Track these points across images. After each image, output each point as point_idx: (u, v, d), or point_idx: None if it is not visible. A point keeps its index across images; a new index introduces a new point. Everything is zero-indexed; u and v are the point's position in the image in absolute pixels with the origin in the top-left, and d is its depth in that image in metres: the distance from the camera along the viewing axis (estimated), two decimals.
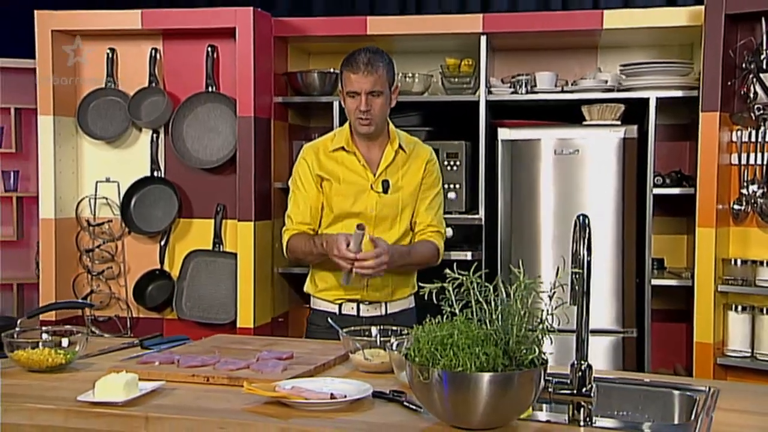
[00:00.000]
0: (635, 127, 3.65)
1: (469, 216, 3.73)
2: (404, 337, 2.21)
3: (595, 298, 3.60)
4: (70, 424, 1.88)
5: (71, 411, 1.89)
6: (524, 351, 1.75)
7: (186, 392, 2.03)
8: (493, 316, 1.79)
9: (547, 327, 1.78)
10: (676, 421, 2.10)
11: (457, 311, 1.81)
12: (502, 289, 1.78)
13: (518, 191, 3.71)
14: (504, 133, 3.71)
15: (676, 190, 3.66)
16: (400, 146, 2.88)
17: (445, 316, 1.81)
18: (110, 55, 3.78)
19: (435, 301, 1.83)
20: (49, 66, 3.73)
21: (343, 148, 2.87)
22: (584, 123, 3.73)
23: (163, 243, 3.75)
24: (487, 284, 1.80)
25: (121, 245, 3.78)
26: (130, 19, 3.66)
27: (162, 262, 3.76)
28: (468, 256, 3.66)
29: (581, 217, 1.95)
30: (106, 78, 3.79)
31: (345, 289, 2.81)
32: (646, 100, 3.62)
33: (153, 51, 3.73)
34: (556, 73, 3.82)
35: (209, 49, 3.67)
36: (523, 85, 3.73)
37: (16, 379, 2.16)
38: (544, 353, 1.77)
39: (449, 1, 4.66)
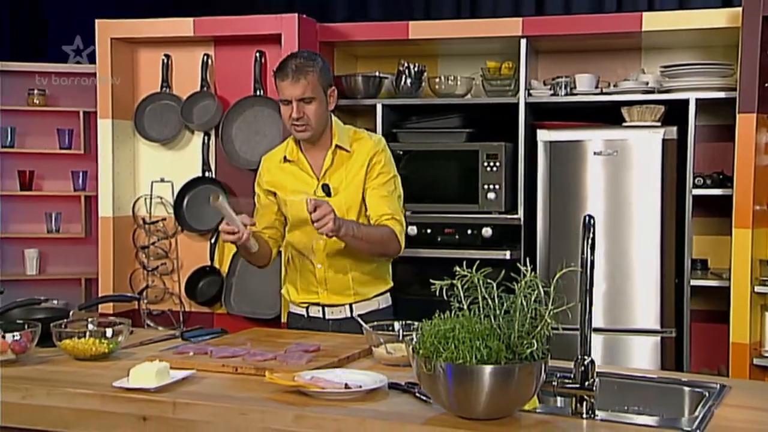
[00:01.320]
0: (675, 128, 3.67)
1: (509, 216, 3.80)
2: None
3: (635, 298, 3.68)
4: (105, 408, 2.03)
5: (107, 396, 2.04)
6: (525, 345, 1.83)
7: (215, 381, 2.16)
8: (497, 312, 1.87)
9: (548, 323, 1.85)
10: (685, 416, 2.15)
11: (464, 306, 1.91)
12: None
13: (557, 192, 3.76)
14: (543, 135, 3.77)
15: (717, 191, 3.67)
16: (338, 146, 2.84)
17: (453, 312, 1.91)
18: (165, 61, 3.98)
19: (445, 297, 1.93)
20: (108, 72, 3.94)
21: (286, 158, 2.88)
22: (624, 124, 3.77)
23: (213, 240, 3.93)
24: (490, 281, 1.89)
25: (175, 242, 3.98)
26: (184, 26, 3.85)
27: (212, 259, 3.94)
28: (507, 255, 3.73)
29: (587, 218, 2.02)
30: (161, 83, 3.99)
31: (304, 291, 2.89)
32: (686, 102, 3.64)
33: (205, 57, 3.92)
34: (596, 75, 3.86)
35: (257, 54, 3.84)
36: (563, 86, 3.78)
37: (63, 366, 2.32)
38: (546, 348, 1.85)
39: (503, 3, 4.73)
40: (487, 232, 3.78)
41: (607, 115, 3.83)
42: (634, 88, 3.76)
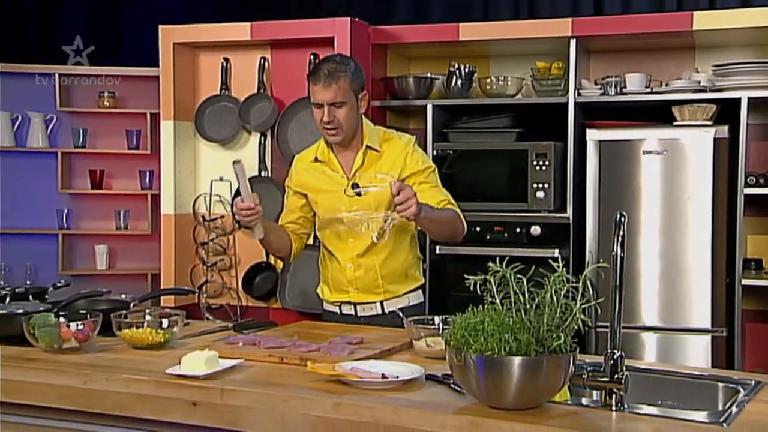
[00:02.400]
0: (726, 127, 3.66)
1: (557, 214, 3.84)
2: None
3: (687, 297, 3.68)
4: (158, 393, 2.16)
5: (160, 382, 2.17)
6: (554, 338, 1.89)
7: (261, 369, 2.28)
8: (527, 306, 1.94)
9: (577, 317, 1.91)
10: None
11: (497, 301, 1.98)
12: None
13: (607, 191, 3.79)
14: (593, 134, 3.80)
15: None
16: (369, 147, 2.89)
17: (485, 306, 1.98)
18: (224, 65, 4.13)
19: (479, 293, 2.00)
20: (170, 75, 4.11)
21: (317, 159, 2.95)
22: (675, 123, 3.77)
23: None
24: (520, 276, 1.95)
25: (232, 239, 4.13)
26: (241, 31, 3.99)
27: (268, 255, 4.07)
28: (555, 253, 3.78)
29: (618, 215, 2.07)
30: (220, 85, 4.14)
31: (336, 290, 2.99)
32: (738, 100, 3.62)
33: (262, 60, 4.05)
34: (648, 74, 3.87)
35: (312, 57, 3.95)
36: (613, 86, 3.80)
37: (121, 354, 2.47)
38: (574, 341, 1.91)
39: (561, 3, 4.75)
40: (535, 230, 3.83)
41: (658, 114, 3.83)
42: (684, 87, 3.77)
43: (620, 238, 2.04)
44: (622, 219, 2.08)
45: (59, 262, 5.23)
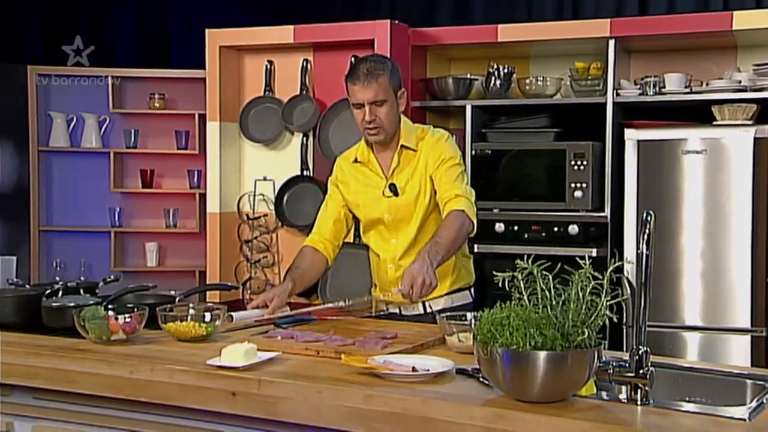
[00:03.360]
0: (766, 127, 3.64)
1: (595, 214, 3.87)
2: None
3: (728, 297, 3.69)
4: (200, 383, 2.25)
5: (201, 373, 2.26)
6: (578, 333, 1.94)
7: (297, 362, 2.36)
8: (553, 302, 2.00)
9: (602, 313, 1.96)
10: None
11: (524, 296, 2.04)
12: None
13: (646, 190, 3.80)
14: (632, 134, 3.81)
15: None
16: (404, 146, 2.89)
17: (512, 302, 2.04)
18: (268, 67, 4.24)
19: (507, 289, 2.06)
20: (216, 77, 4.22)
21: (357, 160, 2.97)
22: (714, 123, 3.77)
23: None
24: (546, 273, 2.01)
25: (275, 237, 4.23)
26: (285, 34, 4.09)
27: None
28: (593, 252, 3.80)
29: (645, 214, 2.11)
30: (264, 87, 4.25)
31: (381, 289, 3.02)
32: None
33: (304, 62, 4.15)
34: (686, 74, 3.87)
35: (353, 59, 4.03)
36: (651, 86, 3.82)
37: (166, 346, 2.57)
38: (599, 336, 1.96)
39: (605, 3, 4.76)
40: (573, 229, 3.86)
41: (697, 114, 3.84)
42: (724, 87, 3.76)
43: (646, 236, 2.09)
44: (649, 218, 2.12)
45: (111, 259, 5.40)
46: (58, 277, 5.32)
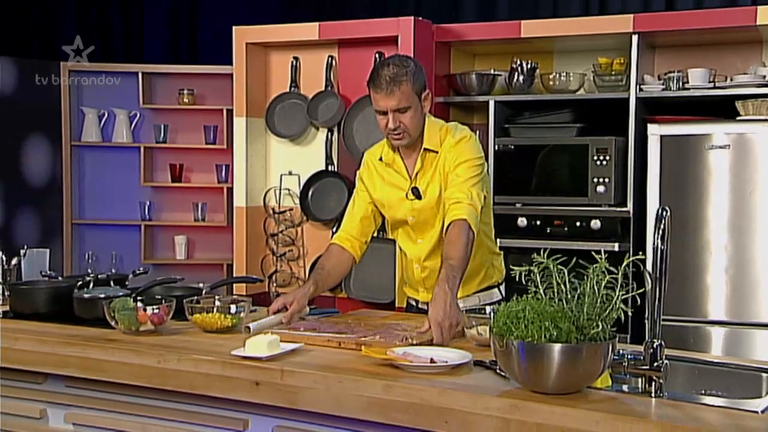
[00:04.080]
0: None
1: (618, 209, 3.88)
2: None
3: (751, 291, 3.68)
4: (225, 373, 2.31)
5: (226, 363, 2.32)
6: (593, 327, 1.98)
7: (319, 353, 2.41)
8: (568, 296, 2.03)
9: (616, 307, 2.00)
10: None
11: (541, 290, 2.08)
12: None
13: (669, 185, 3.80)
14: (654, 129, 3.82)
15: None
16: (426, 149, 2.84)
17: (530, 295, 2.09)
18: (294, 63, 4.29)
19: (524, 283, 2.11)
20: (243, 74, 4.28)
21: (382, 159, 2.93)
22: (738, 118, 3.77)
23: (334, 230, 4.19)
24: (562, 267, 2.05)
25: (301, 231, 4.30)
26: (310, 31, 4.14)
27: None
28: (615, 247, 3.82)
29: (659, 210, 2.13)
30: (290, 83, 4.31)
31: (410, 287, 3.05)
32: None
33: (329, 58, 4.20)
34: (712, 68, 3.87)
35: (377, 55, 4.08)
36: (675, 81, 3.82)
37: (193, 336, 2.64)
38: (613, 329, 1.99)
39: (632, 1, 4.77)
40: (596, 224, 3.88)
41: (721, 109, 3.84)
42: (747, 82, 3.76)
43: (661, 232, 2.11)
44: (664, 213, 2.14)
45: (142, 252, 5.50)
46: (90, 269, 5.45)
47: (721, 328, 3.75)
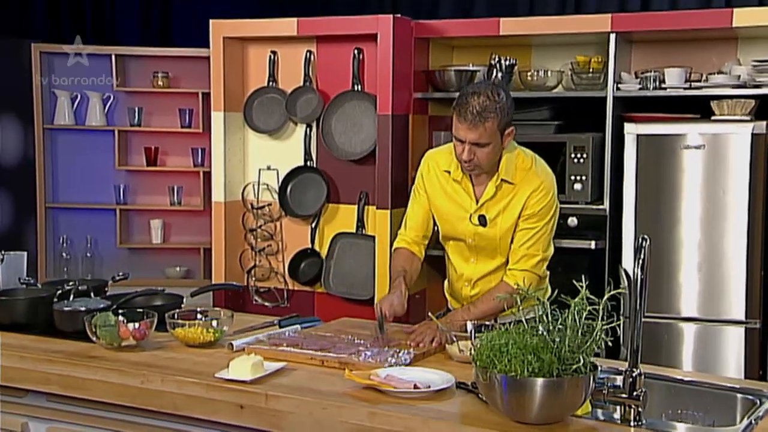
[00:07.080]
0: (765, 122, 3.68)
1: (594, 206, 3.92)
2: None
3: (722, 288, 3.75)
4: (209, 396, 2.34)
5: (210, 385, 2.34)
6: (575, 359, 2.02)
7: (303, 373, 2.44)
8: (550, 327, 2.07)
9: (598, 339, 2.04)
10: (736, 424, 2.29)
11: (524, 320, 2.12)
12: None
13: (645, 183, 3.83)
14: (631, 128, 3.84)
15: None
16: (503, 180, 2.77)
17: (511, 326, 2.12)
18: (272, 58, 4.26)
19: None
20: (221, 67, 4.23)
21: (449, 173, 2.85)
22: (713, 118, 3.80)
23: (313, 225, 4.22)
24: (540, 298, 2.08)
25: (279, 226, 4.29)
26: (288, 26, 4.10)
27: (313, 242, 4.22)
28: (592, 245, 3.87)
29: (640, 239, 2.16)
30: (268, 78, 4.27)
31: (454, 299, 3.05)
32: None
33: (308, 53, 4.17)
34: (688, 67, 3.89)
35: (356, 51, 4.05)
36: (651, 80, 3.84)
37: (175, 352, 2.65)
38: (592, 363, 2.03)
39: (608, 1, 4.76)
40: (572, 221, 3.92)
41: (697, 107, 3.87)
42: (723, 83, 3.79)
43: (641, 262, 2.14)
44: (645, 243, 2.17)
45: (117, 236, 5.47)
46: (64, 253, 5.44)
47: (694, 325, 3.82)
